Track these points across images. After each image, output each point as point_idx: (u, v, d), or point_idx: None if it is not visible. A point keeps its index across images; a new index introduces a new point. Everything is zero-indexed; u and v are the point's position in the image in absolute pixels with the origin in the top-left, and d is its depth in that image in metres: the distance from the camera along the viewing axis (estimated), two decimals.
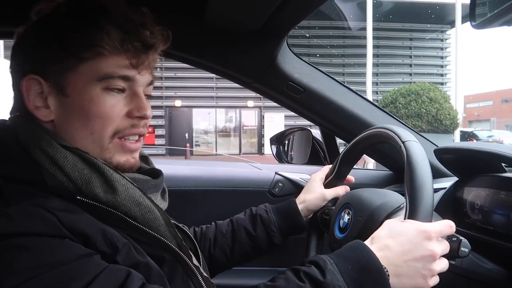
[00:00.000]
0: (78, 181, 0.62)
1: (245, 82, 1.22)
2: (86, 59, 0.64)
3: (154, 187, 0.74)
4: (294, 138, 1.77)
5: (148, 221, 0.67)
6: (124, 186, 0.65)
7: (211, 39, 1.11)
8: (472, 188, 0.94)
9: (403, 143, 0.75)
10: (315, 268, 0.64)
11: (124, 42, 0.65)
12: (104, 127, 0.66)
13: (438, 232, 0.67)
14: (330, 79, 1.24)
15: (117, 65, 0.65)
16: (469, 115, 41.09)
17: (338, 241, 0.89)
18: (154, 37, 0.69)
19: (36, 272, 0.51)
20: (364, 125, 1.20)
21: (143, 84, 0.70)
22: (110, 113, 0.66)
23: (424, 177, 0.69)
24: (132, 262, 0.61)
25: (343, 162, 1.01)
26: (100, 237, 0.59)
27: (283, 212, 1.03)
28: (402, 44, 18.76)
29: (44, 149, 0.62)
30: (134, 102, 0.68)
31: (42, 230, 0.54)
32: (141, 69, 0.68)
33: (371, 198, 0.86)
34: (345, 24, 17.32)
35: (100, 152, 0.67)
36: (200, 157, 16.44)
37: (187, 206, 1.37)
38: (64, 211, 0.58)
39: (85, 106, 0.65)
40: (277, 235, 1.01)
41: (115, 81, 0.66)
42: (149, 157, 0.83)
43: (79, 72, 0.64)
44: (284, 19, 1.04)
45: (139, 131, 0.71)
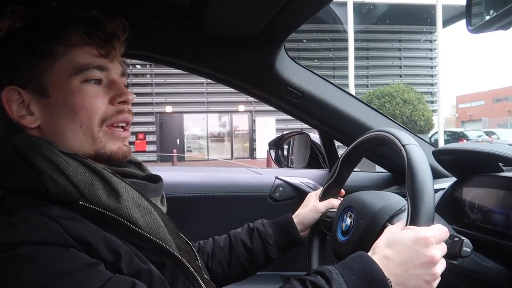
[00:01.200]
0: (81, 184, 0.63)
1: (244, 88, 1.23)
2: (59, 56, 0.67)
3: (154, 191, 0.76)
4: (293, 142, 1.78)
5: (148, 224, 0.67)
6: (124, 188, 0.67)
7: (209, 46, 1.12)
8: (471, 188, 0.95)
9: (403, 146, 0.76)
10: (321, 278, 0.65)
11: (89, 33, 0.69)
12: (91, 117, 0.69)
13: (436, 237, 0.68)
14: (328, 83, 1.25)
15: (89, 56, 0.69)
16: (462, 115, 41.35)
17: (341, 244, 0.90)
18: (114, 27, 0.72)
19: (41, 282, 0.51)
20: (363, 129, 1.21)
21: (117, 73, 0.74)
22: (94, 102, 0.69)
23: (425, 180, 0.70)
24: (135, 269, 0.61)
25: (343, 165, 1.02)
26: (103, 244, 0.59)
27: (279, 226, 1.04)
28: (392, 46, 18.87)
29: (45, 155, 0.63)
30: (114, 90, 0.72)
31: (46, 239, 0.55)
32: (111, 58, 0.72)
33: (372, 201, 0.87)
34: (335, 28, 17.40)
35: (93, 143, 0.69)
36: (193, 162, 16.41)
37: (188, 213, 1.38)
38: (66, 219, 0.58)
39: (69, 100, 0.67)
40: (273, 248, 1.02)
41: (91, 72, 0.69)
42: (143, 164, 0.84)
43: (55, 71, 0.67)
44: (282, 26, 1.05)
45: (125, 117, 0.73)
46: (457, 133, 18.78)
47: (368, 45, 18.70)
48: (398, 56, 19.39)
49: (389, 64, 18.87)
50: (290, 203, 1.39)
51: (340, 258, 0.94)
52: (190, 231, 1.14)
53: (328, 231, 1.01)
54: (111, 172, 0.68)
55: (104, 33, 0.70)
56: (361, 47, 18.38)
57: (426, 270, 0.66)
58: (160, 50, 1.13)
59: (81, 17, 0.69)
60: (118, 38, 0.73)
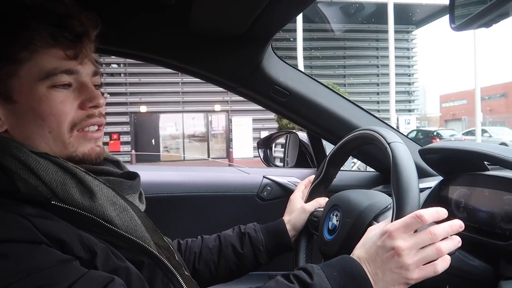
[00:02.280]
0: (53, 183, 0.62)
1: (231, 87, 1.22)
2: (23, 61, 0.64)
3: (130, 188, 0.74)
4: (281, 142, 1.77)
5: (124, 222, 0.66)
6: (98, 186, 0.66)
7: (195, 44, 1.11)
8: (457, 187, 0.96)
9: (388, 144, 0.76)
10: (304, 272, 0.67)
11: (55, 35, 0.65)
12: (60, 123, 0.66)
13: (401, 228, 0.67)
14: (315, 82, 1.25)
15: (56, 60, 0.65)
16: (445, 114, 41.77)
17: (327, 243, 0.90)
18: (83, 24, 0.68)
19: (13, 279, 0.50)
20: (350, 127, 1.21)
21: (87, 74, 0.70)
22: (62, 108, 0.66)
23: (410, 178, 0.70)
24: (111, 267, 0.60)
25: (330, 164, 1.02)
26: (77, 242, 0.58)
27: (271, 232, 1.03)
28: (369, 45, 18.98)
29: (15, 155, 0.61)
30: (84, 94, 0.69)
31: (18, 236, 0.54)
32: (81, 59, 0.68)
33: (359, 200, 0.87)
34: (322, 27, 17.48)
35: (64, 148, 0.67)
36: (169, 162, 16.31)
37: (174, 213, 1.36)
38: (38, 217, 0.57)
39: (36, 107, 0.65)
40: (264, 255, 1.01)
41: (59, 77, 0.66)
42: (120, 161, 0.82)
43: (21, 76, 0.64)
44: (268, 24, 1.04)
45: (97, 121, 0.71)
46: (431, 132, 19.03)
47: (345, 44, 18.78)
48: (375, 55, 19.53)
49: (366, 63, 18.93)
50: (278, 202, 1.39)
51: (326, 257, 0.93)
52: (176, 231, 1.13)
53: (315, 231, 1.00)
54: (84, 171, 0.66)
55: (72, 33, 0.66)
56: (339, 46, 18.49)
57: (393, 262, 0.66)
58: (146, 48, 1.12)
59: (47, 15, 0.65)
60: (88, 36, 0.69)
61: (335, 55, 18.60)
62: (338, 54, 18.73)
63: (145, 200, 0.82)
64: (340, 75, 18.87)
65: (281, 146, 1.78)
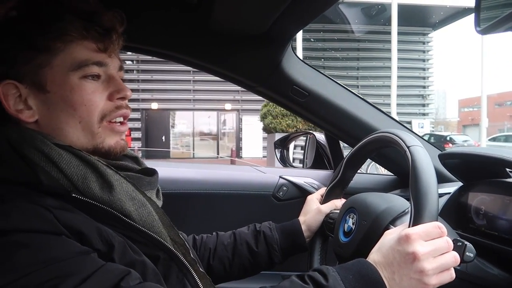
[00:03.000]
0: (74, 177, 0.63)
1: (250, 86, 1.23)
2: (57, 51, 0.66)
3: (148, 184, 0.76)
4: (298, 142, 1.77)
5: (142, 217, 0.67)
6: (118, 180, 0.67)
7: (216, 43, 1.12)
8: (477, 193, 0.94)
9: (408, 148, 0.75)
10: (318, 274, 0.66)
11: (87, 28, 0.67)
12: (91, 113, 0.68)
13: (420, 233, 0.66)
14: (334, 83, 1.24)
15: (88, 52, 0.68)
16: (464, 119, 40.85)
17: (342, 245, 0.89)
18: (111, 20, 0.71)
19: (34, 268, 0.52)
20: (369, 130, 1.20)
21: (115, 67, 0.73)
22: (93, 99, 0.68)
23: (429, 183, 0.69)
24: (128, 260, 0.61)
25: (347, 166, 1.01)
26: (95, 235, 0.59)
27: (286, 232, 1.03)
28: (383, 47, 18.63)
29: (39, 147, 0.63)
30: (112, 85, 0.71)
31: (39, 227, 0.55)
32: (110, 52, 0.71)
33: (376, 203, 0.86)
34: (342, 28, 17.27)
35: (92, 138, 0.69)
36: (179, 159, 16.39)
37: (192, 209, 1.38)
38: (59, 209, 0.58)
39: (68, 97, 0.67)
40: (278, 254, 1.01)
41: (90, 68, 0.68)
42: (139, 158, 0.84)
43: (54, 67, 0.66)
44: (289, 24, 1.04)
45: (124, 112, 0.73)
46: (443, 137, 18.65)
47: (359, 46, 18.49)
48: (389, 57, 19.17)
49: (380, 65, 18.58)
50: (293, 203, 1.38)
51: (341, 259, 0.93)
52: (191, 228, 1.14)
53: (330, 233, 1.00)
54: (106, 165, 0.67)
55: (102, 27, 0.69)
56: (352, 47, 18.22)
57: (411, 267, 0.65)
58: (167, 46, 1.13)
59: (79, 10, 0.68)
60: (116, 31, 0.71)
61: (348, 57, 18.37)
62: (352, 55, 18.48)
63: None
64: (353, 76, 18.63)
65: (301, 148, 1.77)
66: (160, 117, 17.80)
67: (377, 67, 18.50)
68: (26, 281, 0.51)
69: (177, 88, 17.13)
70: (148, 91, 17.20)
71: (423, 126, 18.52)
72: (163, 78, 16.95)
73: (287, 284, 0.66)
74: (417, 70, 19.41)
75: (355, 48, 18.57)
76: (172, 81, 16.89)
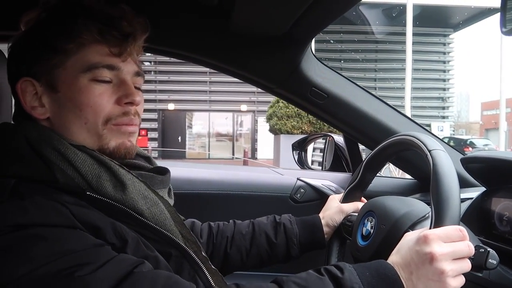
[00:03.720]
0: (89, 175, 0.65)
1: (268, 88, 1.23)
2: (71, 53, 0.68)
3: (160, 182, 0.77)
4: (317, 145, 1.76)
5: (154, 215, 0.68)
6: (131, 180, 0.68)
7: (235, 45, 1.12)
8: (500, 199, 0.91)
9: (429, 151, 0.74)
10: (335, 268, 0.67)
11: (103, 32, 0.69)
12: (96, 116, 0.69)
13: (440, 234, 0.66)
14: (353, 85, 1.23)
15: (99, 55, 0.69)
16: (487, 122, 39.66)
17: (360, 249, 0.88)
18: (132, 26, 0.72)
19: (51, 258, 0.53)
20: (388, 132, 1.18)
21: (129, 72, 0.73)
22: (99, 101, 0.69)
23: (451, 188, 0.68)
24: (141, 254, 0.62)
25: (367, 168, 1.00)
26: (110, 230, 0.61)
27: (306, 226, 1.03)
28: (402, 49, 18.25)
29: (55, 146, 0.65)
30: (122, 90, 0.71)
31: (56, 221, 0.57)
32: (124, 57, 0.72)
33: (395, 207, 0.84)
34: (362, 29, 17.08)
35: (97, 140, 0.70)
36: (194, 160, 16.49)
37: (208, 210, 1.38)
38: (75, 205, 0.60)
39: (75, 97, 0.68)
40: (296, 247, 1.01)
41: (100, 72, 0.69)
42: (151, 158, 0.85)
43: (67, 68, 0.68)
44: (309, 25, 1.04)
45: (130, 120, 0.73)
46: (463, 141, 18.19)
47: (377, 47, 18.22)
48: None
49: (399, 67, 18.21)
50: (311, 205, 1.38)
51: (359, 263, 0.92)
52: None
53: (348, 236, 0.99)
54: (118, 164, 0.69)
55: (120, 32, 0.70)
56: (370, 49, 17.97)
57: (429, 268, 0.64)
58: (186, 47, 1.14)
59: (98, 13, 0.69)
60: (134, 37, 0.72)
61: (366, 58, 18.15)
62: (370, 57, 18.25)
63: (177, 196, 0.84)
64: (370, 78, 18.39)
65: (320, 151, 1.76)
66: (177, 118, 17.99)
67: (396, 68, 18.23)
68: (44, 270, 0.53)
69: (193, 89, 17.30)
70: (165, 92, 17.40)
71: (442, 129, 18.18)
72: (180, 79, 17.13)
73: (304, 275, 0.67)
74: (437, 72, 19.05)
75: (373, 49, 18.36)
76: (188, 82, 17.06)
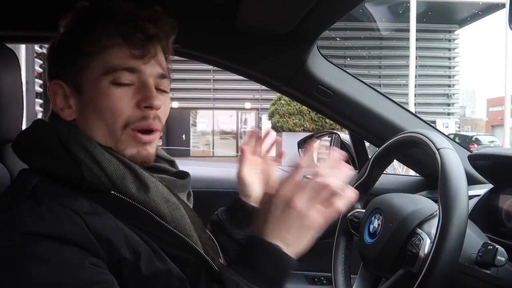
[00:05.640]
0: (114, 175, 0.65)
1: (274, 86, 1.23)
2: (94, 55, 0.69)
3: (181, 187, 0.77)
4: (322, 142, 1.75)
5: (176, 219, 0.68)
6: (154, 183, 0.68)
7: (241, 43, 1.13)
8: (508, 196, 0.91)
9: (438, 150, 0.74)
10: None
11: (125, 35, 0.68)
12: (115, 119, 0.69)
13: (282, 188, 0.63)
14: (359, 82, 1.23)
15: (120, 57, 0.69)
16: (493, 119, 39.20)
17: (367, 246, 0.88)
18: (157, 27, 0.71)
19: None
20: (395, 129, 1.18)
21: (151, 75, 0.71)
22: (118, 105, 0.68)
23: (459, 187, 0.68)
24: (154, 269, 0.62)
25: (374, 165, 1.00)
26: (123, 243, 0.60)
27: (228, 206, 0.98)
28: (407, 45, 18.11)
29: (84, 145, 0.66)
30: (142, 93, 0.70)
31: (67, 232, 0.56)
32: (147, 59, 0.70)
33: (402, 204, 0.84)
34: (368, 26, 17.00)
35: (116, 144, 0.70)
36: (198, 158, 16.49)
37: (215, 208, 1.39)
38: (91, 214, 0.60)
39: (97, 100, 0.69)
40: (234, 230, 0.94)
41: (121, 74, 0.68)
42: (175, 161, 0.85)
43: (91, 70, 0.69)
44: (315, 23, 1.04)
45: (149, 124, 0.71)
46: (469, 137, 18.07)
47: (381, 44, 18.09)
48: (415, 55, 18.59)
49: (404, 63, 18.05)
50: None
51: (366, 260, 0.92)
52: None
53: (355, 232, 0.99)
54: (142, 167, 0.69)
55: (143, 33, 0.69)
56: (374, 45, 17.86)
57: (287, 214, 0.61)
58: (192, 46, 1.14)
59: (121, 15, 0.70)
60: (159, 38, 0.72)
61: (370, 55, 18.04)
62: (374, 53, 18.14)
63: None
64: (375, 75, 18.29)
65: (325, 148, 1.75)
66: (181, 116, 17.99)
67: (401, 65, 18.11)
68: None
69: (197, 87, 17.30)
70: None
71: (447, 126, 18.05)
72: (184, 78, 17.14)
73: None
74: (442, 68, 18.91)
75: (377, 46, 18.25)
76: (192, 80, 17.05)
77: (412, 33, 14.37)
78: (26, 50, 7.49)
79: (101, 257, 0.58)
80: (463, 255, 0.73)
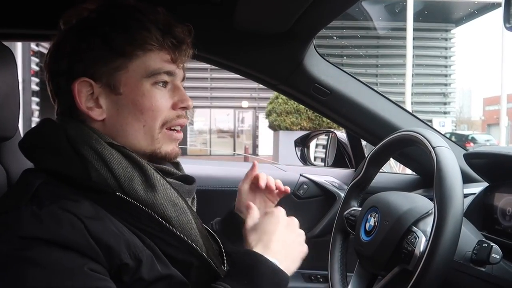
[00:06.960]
0: (122, 177, 0.65)
1: (271, 84, 1.23)
2: (135, 57, 0.69)
3: (188, 192, 0.77)
4: (320, 141, 1.76)
5: (182, 224, 0.69)
6: (163, 185, 0.69)
7: (238, 42, 1.13)
8: (503, 194, 0.92)
9: (433, 148, 0.74)
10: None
11: (164, 39, 0.70)
12: (155, 119, 0.71)
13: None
14: (356, 81, 1.23)
15: (160, 61, 0.71)
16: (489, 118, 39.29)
17: (363, 244, 0.89)
18: (184, 33, 0.74)
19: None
20: (391, 128, 1.18)
21: (180, 78, 0.76)
22: (160, 106, 0.71)
23: (454, 185, 0.69)
24: (155, 275, 0.62)
25: (370, 164, 1.00)
26: (124, 249, 0.60)
27: (222, 218, 1.02)
28: (404, 44, 18.14)
29: (93, 146, 0.66)
30: (177, 95, 0.74)
31: (67, 237, 0.56)
32: (179, 63, 0.74)
33: (398, 202, 0.85)
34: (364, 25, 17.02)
35: (151, 143, 0.72)
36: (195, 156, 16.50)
37: (211, 206, 1.39)
38: (92, 218, 0.59)
39: (138, 101, 0.70)
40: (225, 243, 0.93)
41: (161, 77, 0.72)
42: (180, 163, 0.85)
43: (129, 71, 0.69)
44: (311, 22, 1.04)
45: (183, 121, 0.76)
46: (465, 136, 18.17)
47: (378, 43, 18.12)
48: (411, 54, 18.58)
49: (401, 62, 18.07)
50: (314, 201, 1.38)
51: (362, 258, 0.93)
52: None
53: (351, 230, 0.99)
54: (154, 169, 0.69)
55: (176, 39, 0.72)
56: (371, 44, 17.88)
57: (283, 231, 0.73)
58: None
59: (158, 21, 0.71)
60: (187, 44, 0.74)
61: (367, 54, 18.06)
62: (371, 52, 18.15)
63: None
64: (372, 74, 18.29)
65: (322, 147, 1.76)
66: None
67: (398, 64, 18.13)
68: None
69: (194, 86, 17.26)
70: None
71: (444, 124, 18.13)
72: None
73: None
74: (438, 67, 18.95)
75: (374, 45, 18.26)
76: (190, 78, 16.94)
77: (409, 32, 14.39)
78: (23, 48, 7.44)
79: (101, 263, 0.58)
80: (458, 253, 0.74)
